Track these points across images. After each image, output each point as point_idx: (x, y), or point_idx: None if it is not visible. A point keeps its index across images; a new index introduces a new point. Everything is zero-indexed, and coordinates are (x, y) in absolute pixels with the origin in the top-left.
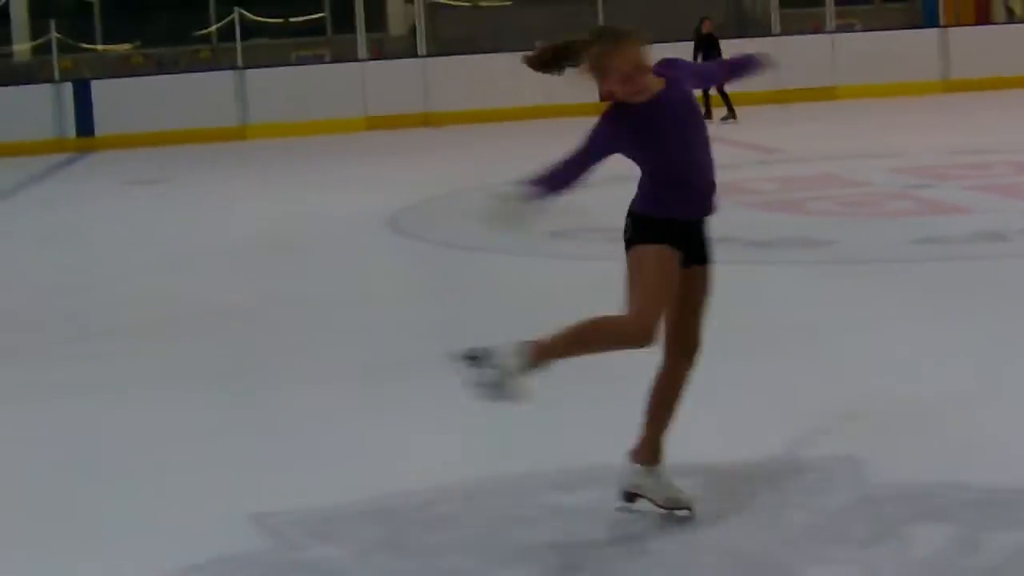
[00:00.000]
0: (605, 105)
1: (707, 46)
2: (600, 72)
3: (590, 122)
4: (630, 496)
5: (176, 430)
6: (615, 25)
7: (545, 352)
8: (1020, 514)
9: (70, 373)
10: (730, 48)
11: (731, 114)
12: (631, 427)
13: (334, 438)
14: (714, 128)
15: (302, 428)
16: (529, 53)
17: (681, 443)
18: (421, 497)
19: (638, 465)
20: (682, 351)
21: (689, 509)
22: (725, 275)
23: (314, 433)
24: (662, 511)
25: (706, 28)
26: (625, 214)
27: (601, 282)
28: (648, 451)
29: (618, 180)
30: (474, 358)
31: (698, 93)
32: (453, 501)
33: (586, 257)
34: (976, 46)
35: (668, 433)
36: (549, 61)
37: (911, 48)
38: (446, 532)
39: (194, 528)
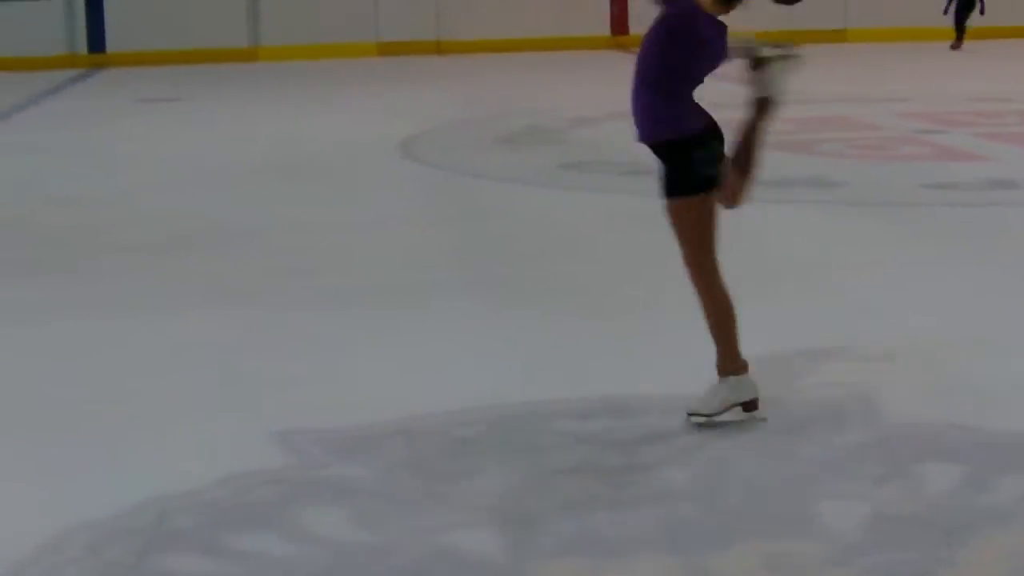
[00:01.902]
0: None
1: None
2: None
3: (600, 56)
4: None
5: (199, 347)
6: None
7: None
8: None
9: (95, 288)
10: None
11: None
12: (648, 360)
13: (355, 360)
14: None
15: (324, 349)
16: None
17: (698, 376)
18: (444, 420)
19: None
20: None
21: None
22: (735, 213)
23: (336, 354)
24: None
25: None
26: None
27: (610, 213)
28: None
29: (628, 115)
30: None
31: None
32: (476, 425)
33: (596, 189)
34: None
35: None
36: None
37: None
38: (469, 456)
39: (218, 444)
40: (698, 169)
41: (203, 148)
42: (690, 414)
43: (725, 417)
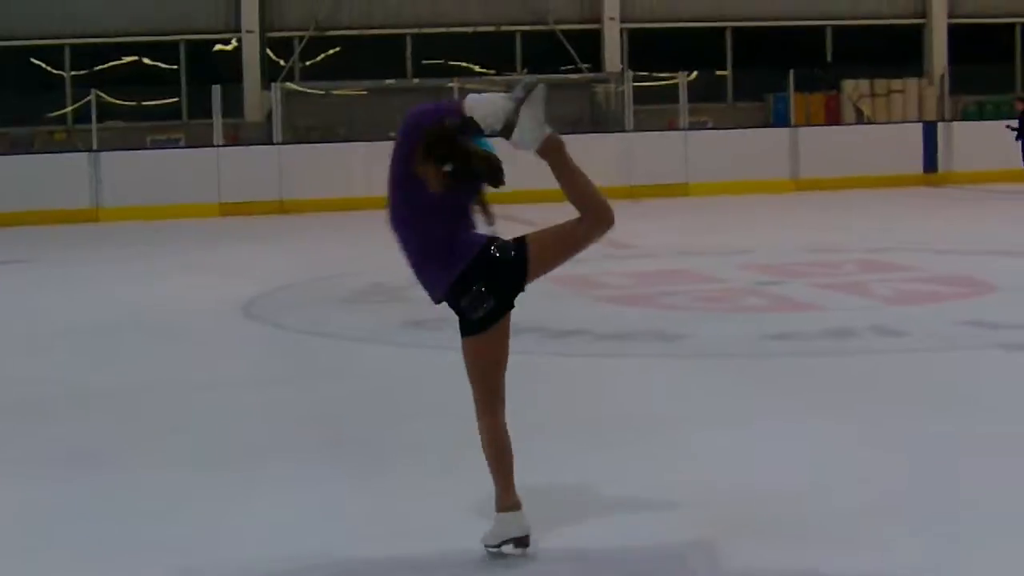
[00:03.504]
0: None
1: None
2: None
3: None
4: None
5: (53, 513)
6: None
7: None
8: None
9: None
10: (584, 144)
11: None
12: (484, 516)
13: (202, 520)
14: None
15: (171, 511)
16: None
17: (541, 530)
18: None
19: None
20: None
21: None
22: (578, 368)
23: (182, 515)
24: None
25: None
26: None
27: (454, 370)
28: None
29: None
30: None
31: None
32: None
33: (441, 346)
34: (826, 146)
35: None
36: None
37: (762, 147)
38: None
39: None
40: (466, 314)
41: (48, 310)
42: (484, 543)
43: (506, 550)
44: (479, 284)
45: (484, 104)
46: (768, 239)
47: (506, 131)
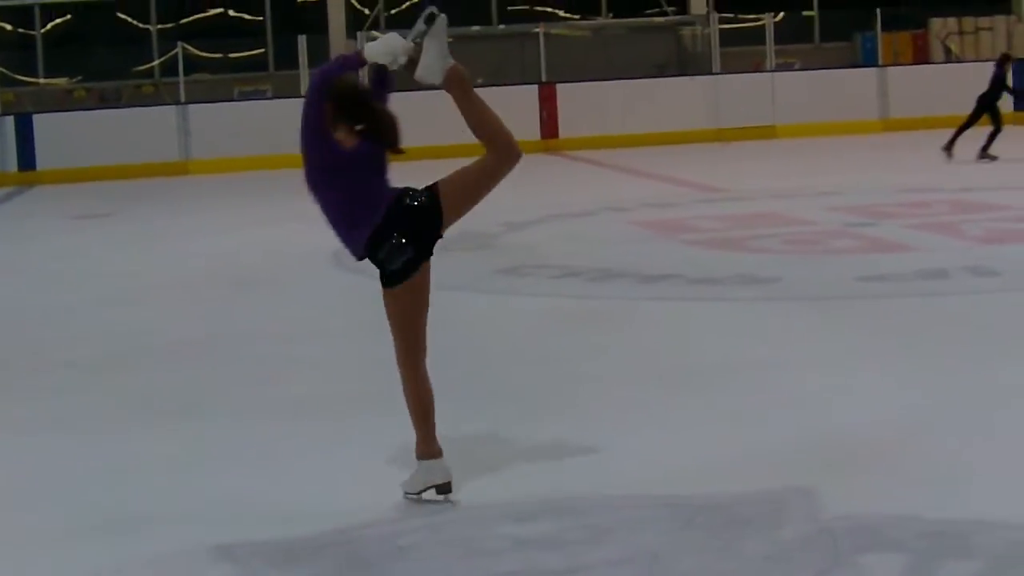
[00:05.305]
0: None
1: None
2: None
3: (531, 159)
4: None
5: (139, 462)
6: None
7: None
8: (971, 544)
9: (33, 407)
10: (675, 87)
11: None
12: (587, 460)
13: (294, 470)
14: None
15: (263, 461)
16: None
17: (638, 475)
18: (383, 528)
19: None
20: None
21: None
22: (670, 312)
23: (275, 465)
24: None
25: None
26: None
27: (548, 316)
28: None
29: (560, 218)
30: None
31: None
32: (415, 533)
33: (534, 293)
34: (914, 85)
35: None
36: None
37: (850, 87)
38: (410, 562)
39: (157, 560)
40: (386, 265)
41: (140, 262)
42: (404, 492)
43: (427, 496)
44: (396, 235)
45: (381, 47)
46: (858, 180)
47: (411, 65)
